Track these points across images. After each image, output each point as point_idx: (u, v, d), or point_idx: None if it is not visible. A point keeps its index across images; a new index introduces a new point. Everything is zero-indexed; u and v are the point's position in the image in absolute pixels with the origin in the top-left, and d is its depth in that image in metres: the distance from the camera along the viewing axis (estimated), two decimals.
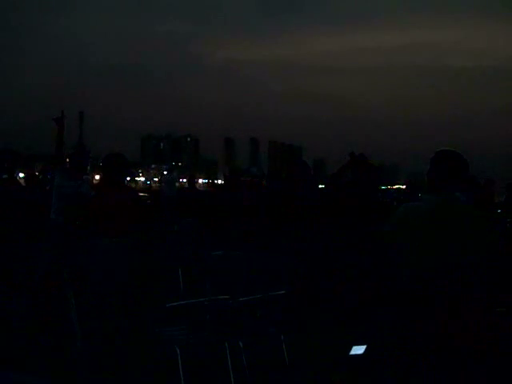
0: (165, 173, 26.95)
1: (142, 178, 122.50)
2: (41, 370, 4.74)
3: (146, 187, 75.29)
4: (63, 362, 4.92)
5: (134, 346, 5.11)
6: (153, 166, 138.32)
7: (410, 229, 3.24)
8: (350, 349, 5.38)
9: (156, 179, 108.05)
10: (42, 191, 10.02)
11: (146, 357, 4.92)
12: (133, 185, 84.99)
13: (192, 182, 16.58)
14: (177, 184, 19.67)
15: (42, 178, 12.76)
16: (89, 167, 8.38)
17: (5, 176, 7.41)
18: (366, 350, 4.06)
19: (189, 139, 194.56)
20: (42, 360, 4.96)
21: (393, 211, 3.49)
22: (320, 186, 9.90)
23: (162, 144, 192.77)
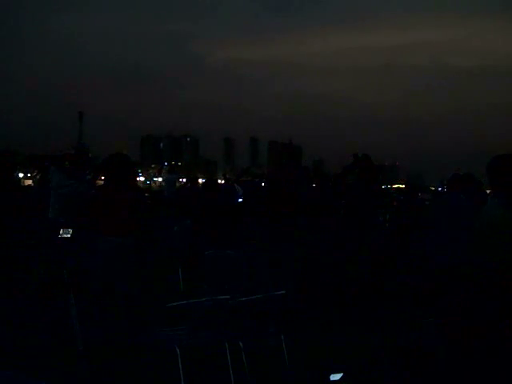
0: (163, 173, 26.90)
1: (142, 178, 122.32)
2: (41, 370, 4.74)
3: (145, 187, 75.18)
4: (63, 363, 4.91)
5: (134, 346, 5.11)
6: (152, 165, 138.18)
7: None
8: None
9: (156, 179, 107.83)
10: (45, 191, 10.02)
11: (146, 357, 4.92)
12: None
13: (194, 182, 16.52)
14: (177, 184, 19.64)
15: (42, 177, 12.74)
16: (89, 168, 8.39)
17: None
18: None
19: (189, 139, 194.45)
20: (42, 360, 4.96)
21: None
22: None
23: (161, 144, 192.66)
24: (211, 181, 9.79)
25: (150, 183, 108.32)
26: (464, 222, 5.35)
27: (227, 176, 23.66)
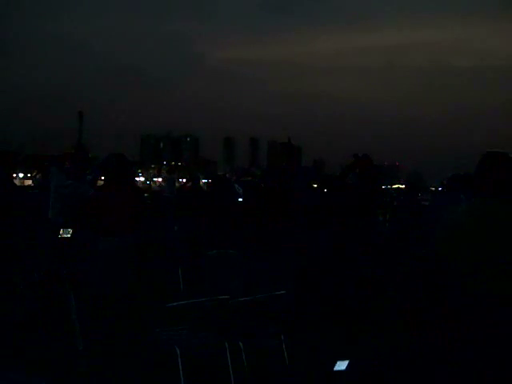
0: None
1: (142, 178, 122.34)
2: (41, 370, 4.74)
3: (145, 187, 75.17)
4: (63, 362, 4.91)
5: (134, 346, 5.11)
6: (152, 165, 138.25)
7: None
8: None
9: (155, 179, 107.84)
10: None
11: (146, 357, 4.92)
12: None
13: (196, 182, 16.54)
14: (177, 184, 19.64)
15: (42, 177, 12.74)
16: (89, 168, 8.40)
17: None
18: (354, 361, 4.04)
19: (189, 139, 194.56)
20: (42, 360, 4.96)
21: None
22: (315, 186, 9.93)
23: (161, 144, 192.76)
24: (221, 178, 9.66)
25: (149, 183, 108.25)
26: None
27: (227, 176, 23.65)
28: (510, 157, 3.32)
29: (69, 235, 6.93)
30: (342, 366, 3.76)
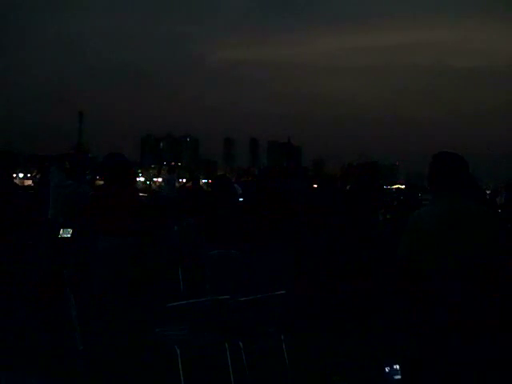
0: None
1: (142, 178, 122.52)
2: (41, 370, 4.74)
3: (145, 187, 75.25)
4: (63, 362, 4.91)
5: (134, 346, 5.11)
6: (152, 166, 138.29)
7: (427, 233, 3.22)
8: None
9: (155, 179, 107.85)
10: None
11: (146, 357, 4.92)
12: None
13: (196, 182, 16.60)
14: (177, 184, 19.66)
15: (42, 177, 12.74)
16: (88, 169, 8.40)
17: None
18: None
19: (188, 139, 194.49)
20: (42, 360, 4.96)
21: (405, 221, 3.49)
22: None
23: (161, 144, 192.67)
24: (221, 178, 9.61)
25: (149, 183, 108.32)
26: None
27: (227, 176, 23.60)
28: (461, 156, 3.45)
29: (69, 235, 6.92)
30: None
